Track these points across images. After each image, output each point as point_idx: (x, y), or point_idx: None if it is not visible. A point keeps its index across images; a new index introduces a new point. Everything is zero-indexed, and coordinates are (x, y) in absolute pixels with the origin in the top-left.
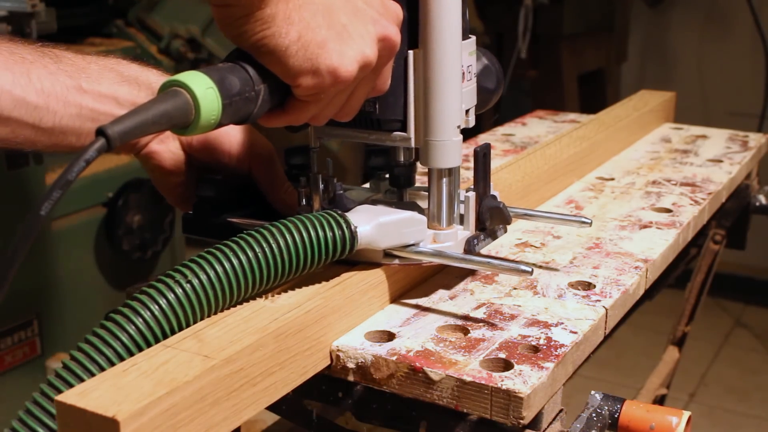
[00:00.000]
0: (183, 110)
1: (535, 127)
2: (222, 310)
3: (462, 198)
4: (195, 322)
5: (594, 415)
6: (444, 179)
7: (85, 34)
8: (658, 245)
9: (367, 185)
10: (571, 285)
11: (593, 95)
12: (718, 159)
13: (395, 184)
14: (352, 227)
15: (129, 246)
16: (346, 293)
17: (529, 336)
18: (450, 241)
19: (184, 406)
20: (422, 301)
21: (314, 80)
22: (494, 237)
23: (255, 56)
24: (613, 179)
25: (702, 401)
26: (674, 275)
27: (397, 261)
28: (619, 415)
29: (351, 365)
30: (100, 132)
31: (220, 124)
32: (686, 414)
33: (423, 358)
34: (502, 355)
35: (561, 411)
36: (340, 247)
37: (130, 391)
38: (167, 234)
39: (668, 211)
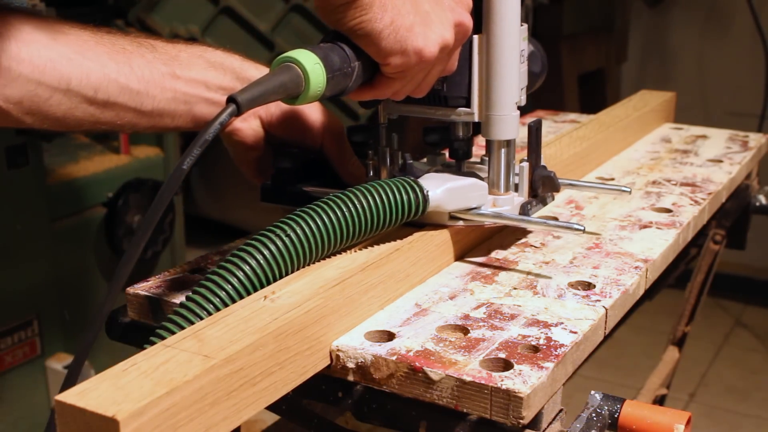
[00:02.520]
0: (296, 82)
1: None
2: (312, 263)
3: (516, 170)
4: (292, 271)
5: (594, 415)
6: (503, 149)
7: None
8: (658, 245)
9: (424, 160)
10: (571, 285)
11: (593, 95)
12: (718, 159)
13: (455, 156)
14: (425, 191)
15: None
16: (345, 293)
17: (529, 336)
18: (507, 205)
19: (183, 405)
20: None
21: (402, 60)
22: (544, 203)
23: (351, 38)
24: (613, 179)
25: (702, 401)
26: (674, 275)
27: (461, 222)
28: (618, 415)
29: (351, 365)
30: (231, 99)
31: (323, 96)
32: (686, 414)
33: (423, 358)
34: (502, 355)
35: (561, 411)
36: (414, 208)
37: (129, 391)
38: (167, 234)
39: (668, 211)
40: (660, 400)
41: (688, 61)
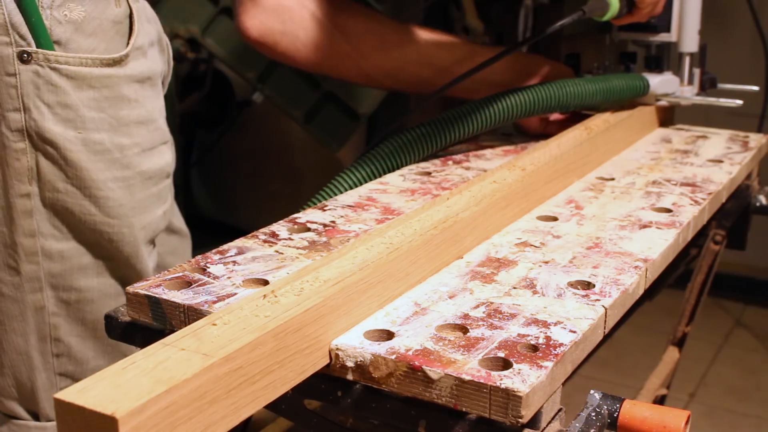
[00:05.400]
0: (604, 9)
1: None
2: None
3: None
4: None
5: (593, 414)
6: (688, 57)
7: None
8: (657, 245)
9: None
10: (571, 284)
11: None
12: (718, 159)
13: (649, 68)
14: (647, 80)
15: None
16: (345, 292)
17: (528, 335)
18: (689, 93)
19: (182, 404)
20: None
21: None
22: (707, 95)
23: None
24: (613, 179)
25: (702, 401)
26: (675, 275)
27: (664, 101)
28: (618, 415)
29: (350, 364)
30: (581, 9)
31: (614, 18)
32: (685, 413)
33: (422, 357)
34: (501, 354)
35: (560, 410)
36: (641, 89)
37: (128, 389)
38: None
39: (668, 211)
40: (660, 400)
41: None
